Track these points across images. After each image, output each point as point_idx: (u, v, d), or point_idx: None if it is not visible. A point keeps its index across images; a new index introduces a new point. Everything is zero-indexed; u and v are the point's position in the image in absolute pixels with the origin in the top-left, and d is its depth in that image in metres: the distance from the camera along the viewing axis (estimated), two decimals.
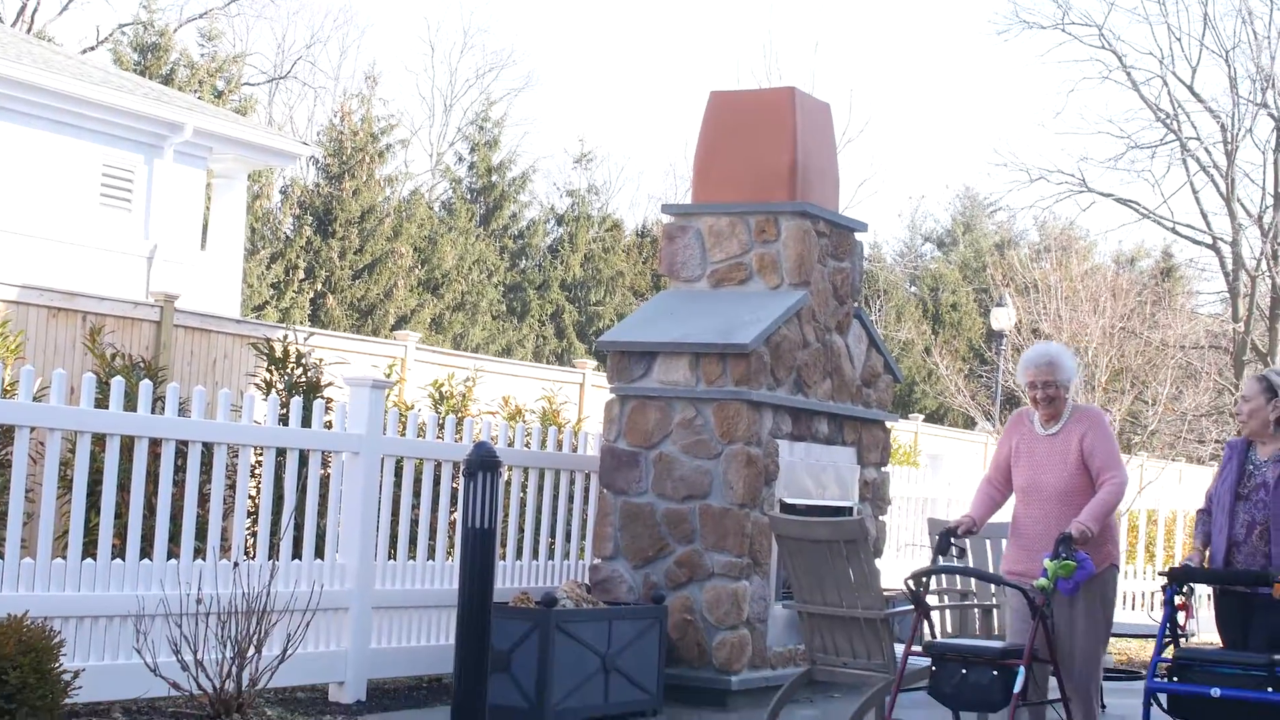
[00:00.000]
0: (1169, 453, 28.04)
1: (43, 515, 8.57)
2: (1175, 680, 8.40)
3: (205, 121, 23.06)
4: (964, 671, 8.53)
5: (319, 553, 10.20)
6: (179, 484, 9.60)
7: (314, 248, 35.84)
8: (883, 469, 12.93)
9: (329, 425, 10.59)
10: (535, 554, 11.66)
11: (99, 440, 9.11)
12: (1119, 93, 78.35)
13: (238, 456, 9.94)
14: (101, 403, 9.30)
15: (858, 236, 12.68)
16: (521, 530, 11.61)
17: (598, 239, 42.80)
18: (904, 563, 15.42)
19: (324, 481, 10.43)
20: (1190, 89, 39.04)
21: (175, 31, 38.71)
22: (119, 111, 21.53)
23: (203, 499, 9.87)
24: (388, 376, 13.39)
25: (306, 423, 10.26)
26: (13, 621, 7.47)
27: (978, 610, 11.44)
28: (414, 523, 10.97)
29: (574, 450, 12.04)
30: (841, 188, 12.96)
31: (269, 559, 9.61)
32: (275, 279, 34.66)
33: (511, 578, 11.32)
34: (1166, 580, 8.80)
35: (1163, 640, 8.68)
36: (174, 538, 9.39)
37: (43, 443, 8.79)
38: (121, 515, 9.24)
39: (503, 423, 11.59)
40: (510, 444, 11.44)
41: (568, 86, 71.31)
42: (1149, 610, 17.45)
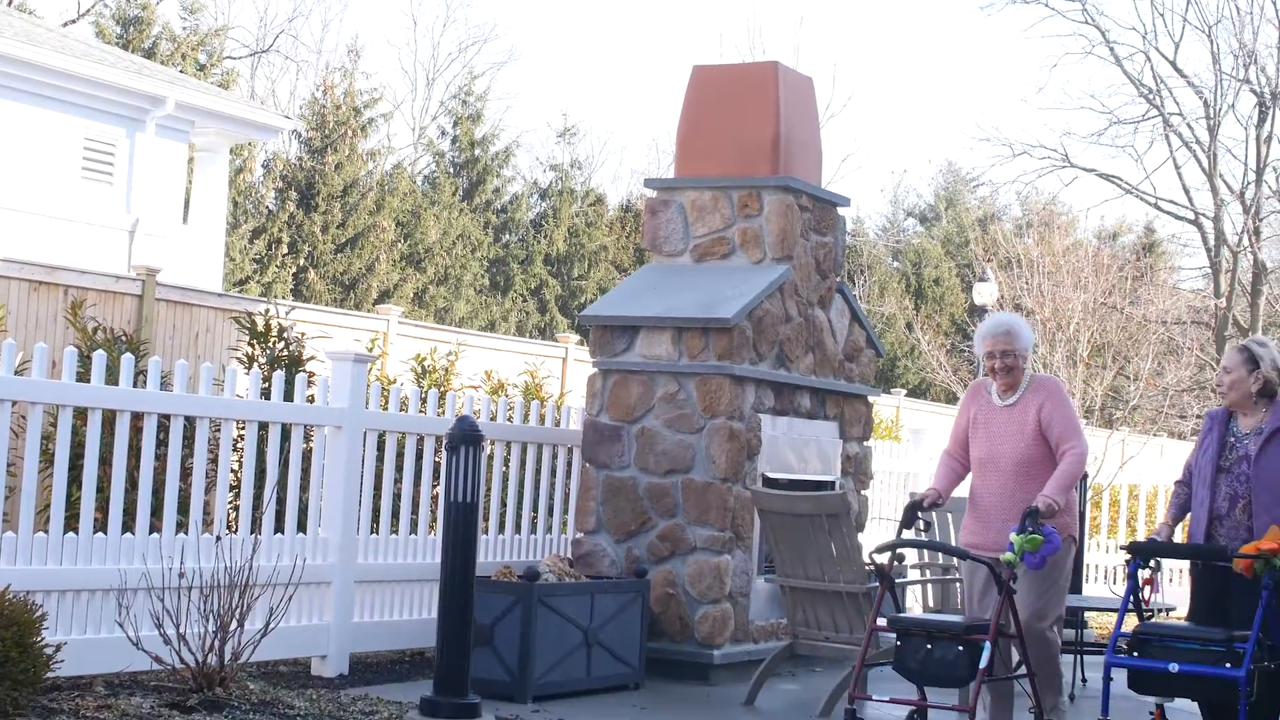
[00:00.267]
0: (1150, 428, 28.10)
1: (24, 489, 8.56)
2: (1135, 655, 8.35)
3: (187, 95, 23.00)
4: (929, 647, 8.49)
5: (301, 527, 10.20)
6: (161, 458, 9.59)
7: (296, 222, 35.77)
8: (865, 444, 12.95)
9: (311, 399, 10.57)
10: (518, 528, 11.66)
11: (81, 414, 9.10)
12: (1102, 68, 78.34)
13: (220, 430, 9.92)
14: (83, 377, 9.28)
15: (840, 211, 12.68)
16: (504, 504, 11.62)
17: (581, 213, 42.76)
18: (887, 537, 15.43)
19: (306, 456, 10.42)
20: (1173, 64, 39.05)
21: (157, 5, 38.53)
22: (101, 85, 21.46)
23: (185, 473, 9.85)
24: (370, 351, 13.39)
25: (289, 397, 10.25)
26: None
27: (959, 585, 11.47)
28: (396, 497, 10.97)
29: (556, 424, 12.05)
30: (824, 162, 12.96)
31: (251, 533, 9.61)
32: (258, 253, 34.60)
33: (494, 552, 11.33)
34: (1129, 555, 8.76)
35: (1124, 615, 8.64)
36: (156, 512, 9.38)
37: (24, 417, 8.77)
38: (103, 489, 9.22)
39: (485, 397, 11.59)
40: (493, 418, 11.44)
41: (550, 61, 71.23)
42: (1110, 584, 17.42)
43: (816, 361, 12.28)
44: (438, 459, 11.15)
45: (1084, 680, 12.26)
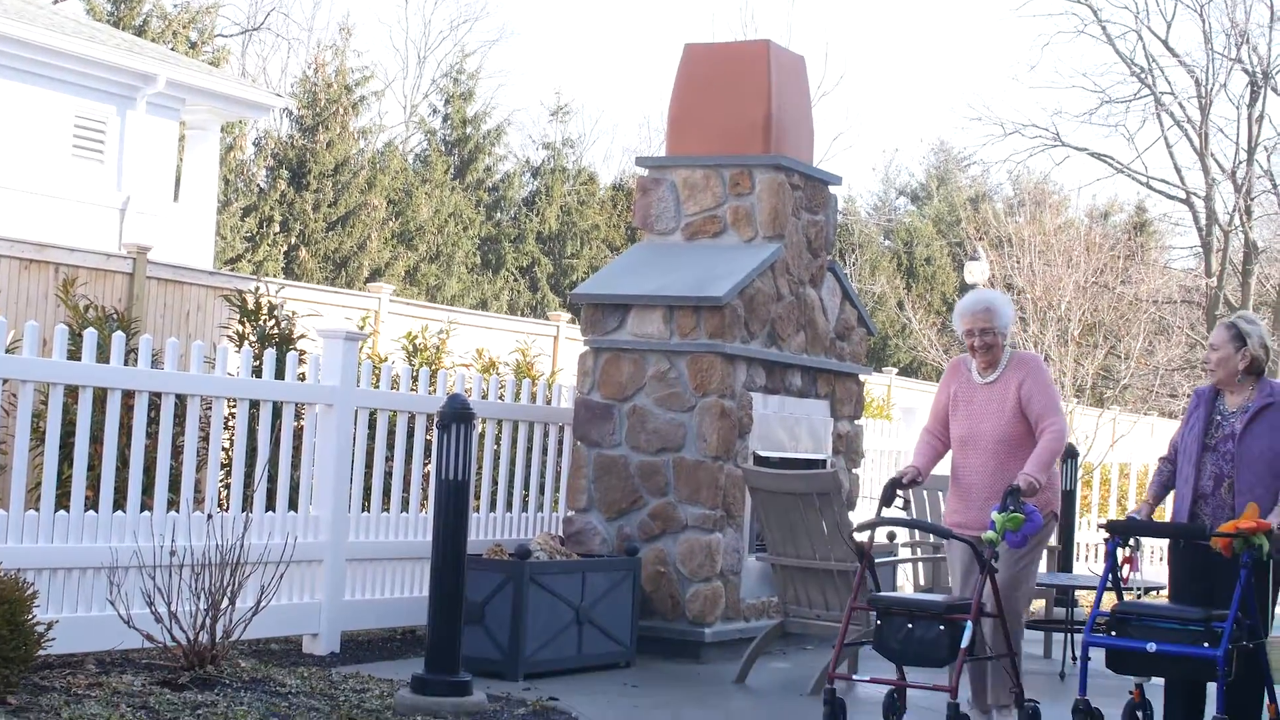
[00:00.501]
0: (1141, 407, 28.15)
1: (15, 467, 8.56)
2: (1113, 634, 8.27)
3: (178, 73, 22.96)
4: (910, 626, 8.43)
5: (293, 505, 10.20)
6: (152, 436, 9.59)
7: (288, 200, 35.72)
8: (856, 422, 12.96)
9: (302, 377, 10.58)
10: (509, 506, 11.67)
11: (72, 392, 9.10)
12: (1093, 47, 78.30)
13: (211, 408, 9.92)
14: (74, 355, 9.28)
15: (832, 190, 12.68)
16: (495, 482, 11.62)
17: (573, 192, 42.71)
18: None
19: (297, 434, 10.42)
20: (1165, 43, 39.07)
21: None
22: (92, 62, 21.42)
23: (176, 451, 9.85)
24: (361, 329, 13.37)
25: (280, 375, 10.25)
26: None
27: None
28: (388, 475, 10.97)
29: (548, 403, 12.05)
30: (816, 141, 12.96)
31: (243, 511, 9.62)
32: (249, 231, 34.56)
33: (485, 530, 11.34)
34: (1108, 533, 8.69)
35: (1102, 593, 8.58)
36: (147, 490, 9.38)
37: (15, 395, 8.77)
38: (94, 467, 9.22)
39: (476, 375, 11.58)
40: (484, 396, 11.44)
41: (542, 39, 71.13)
42: (1090, 564, 17.44)
43: (808, 340, 12.29)
44: (429, 437, 11.15)
45: (1074, 658, 12.28)
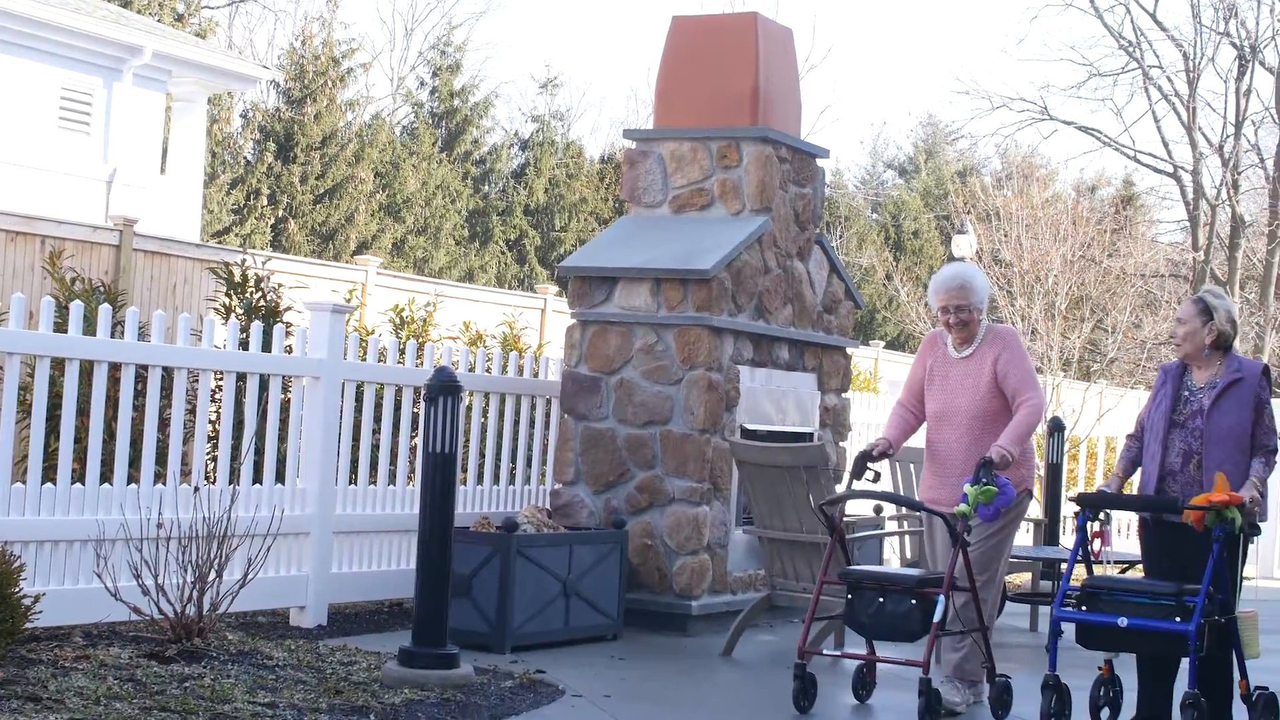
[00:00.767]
0: (1128, 380, 28.14)
1: (1, 440, 8.54)
2: (1083, 609, 8.21)
3: (165, 44, 22.90)
4: (881, 600, 8.39)
5: (280, 478, 10.19)
6: (139, 409, 9.58)
7: (275, 172, 35.64)
8: (843, 395, 12.97)
9: (289, 350, 10.57)
10: (496, 479, 11.68)
11: (58, 364, 9.09)
12: (1081, 19, 78.28)
13: (198, 381, 9.91)
14: (60, 327, 9.27)
15: (819, 163, 12.67)
16: (482, 455, 11.62)
17: (561, 165, 42.65)
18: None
19: (284, 406, 10.42)
20: (1153, 17, 39.06)
21: None
22: (78, 34, 21.36)
23: (163, 424, 9.84)
24: (348, 301, 13.37)
25: (267, 347, 10.24)
26: None
27: None
28: (375, 448, 10.97)
29: (535, 375, 12.05)
30: (804, 114, 12.95)
31: (229, 484, 9.61)
32: (236, 204, 34.49)
33: (472, 503, 11.34)
34: (1078, 506, 8.61)
35: (1073, 568, 8.50)
36: (134, 462, 9.38)
37: (2, 367, 8.75)
38: (81, 440, 9.21)
39: (464, 348, 11.58)
40: (471, 369, 11.43)
41: (529, 11, 70.97)
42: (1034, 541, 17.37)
43: (795, 313, 12.29)
44: (416, 410, 11.15)
45: (1060, 632, 12.30)
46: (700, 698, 9.05)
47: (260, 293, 11.76)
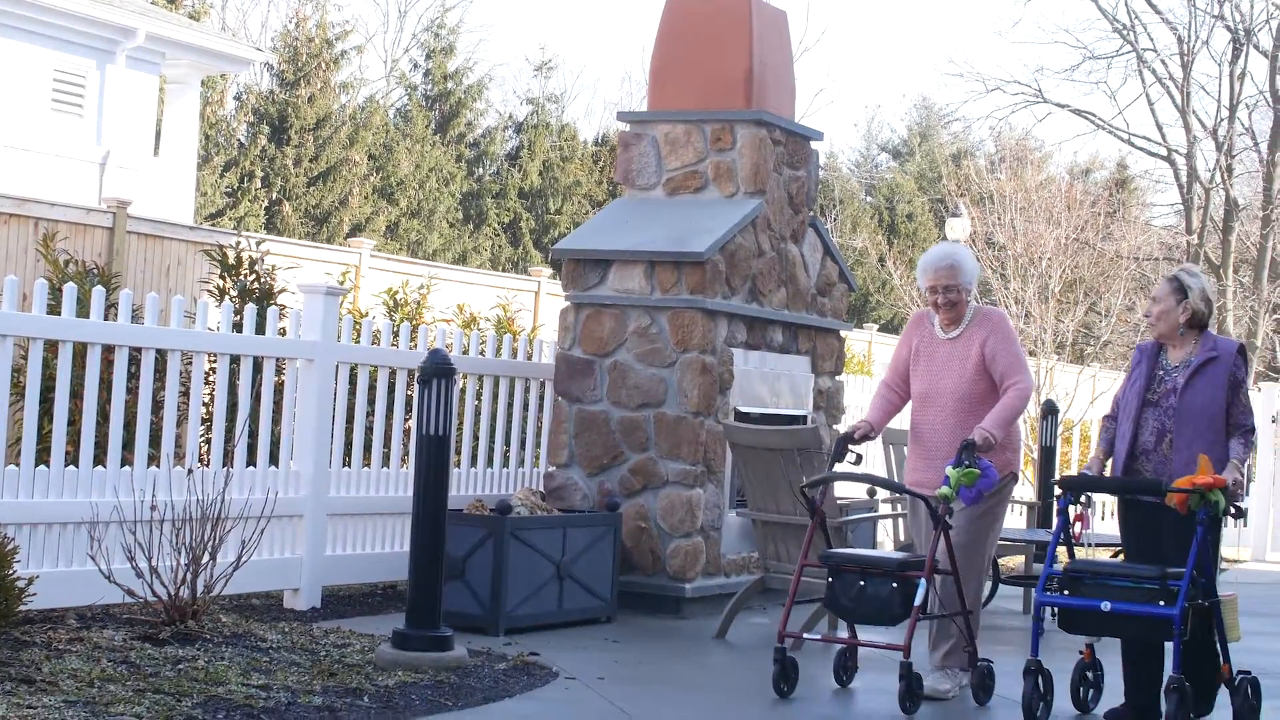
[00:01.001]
0: (1121, 364, 28.17)
1: None
2: (1066, 593, 8.09)
3: (158, 26, 22.87)
4: (862, 584, 8.32)
5: (273, 460, 10.20)
6: (133, 391, 9.58)
7: (268, 155, 35.62)
8: (837, 378, 12.97)
9: (283, 333, 10.56)
10: (490, 462, 11.68)
11: (52, 347, 9.08)
12: (1076, 2, 78.16)
13: (191, 363, 9.91)
14: (54, 309, 9.26)
15: (813, 145, 12.66)
16: (476, 438, 11.63)
17: (555, 147, 42.63)
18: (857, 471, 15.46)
19: (278, 389, 10.42)
20: (1148, 0, 38.99)
21: None
22: (71, 16, 21.33)
23: (156, 406, 9.84)
24: (342, 284, 13.37)
25: (260, 330, 10.24)
26: None
27: None
28: (368, 430, 10.97)
29: (529, 358, 12.05)
30: (798, 97, 12.94)
31: (223, 466, 9.61)
32: (230, 186, 34.47)
33: (466, 485, 11.35)
34: (1060, 489, 8.51)
35: (1054, 551, 8.40)
36: (128, 445, 9.38)
37: None
38: (75, 422, 9.21)
39: (457, 330, 11.58)
40: (465, 351, 11.43)
41: None
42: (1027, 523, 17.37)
43: (789, 296, 12.29)
44: (410, 392, 11.15)
45: (1054, 614, 12.31)
46: (694, 680, 9.06)
47: (254, 275, 11.76)
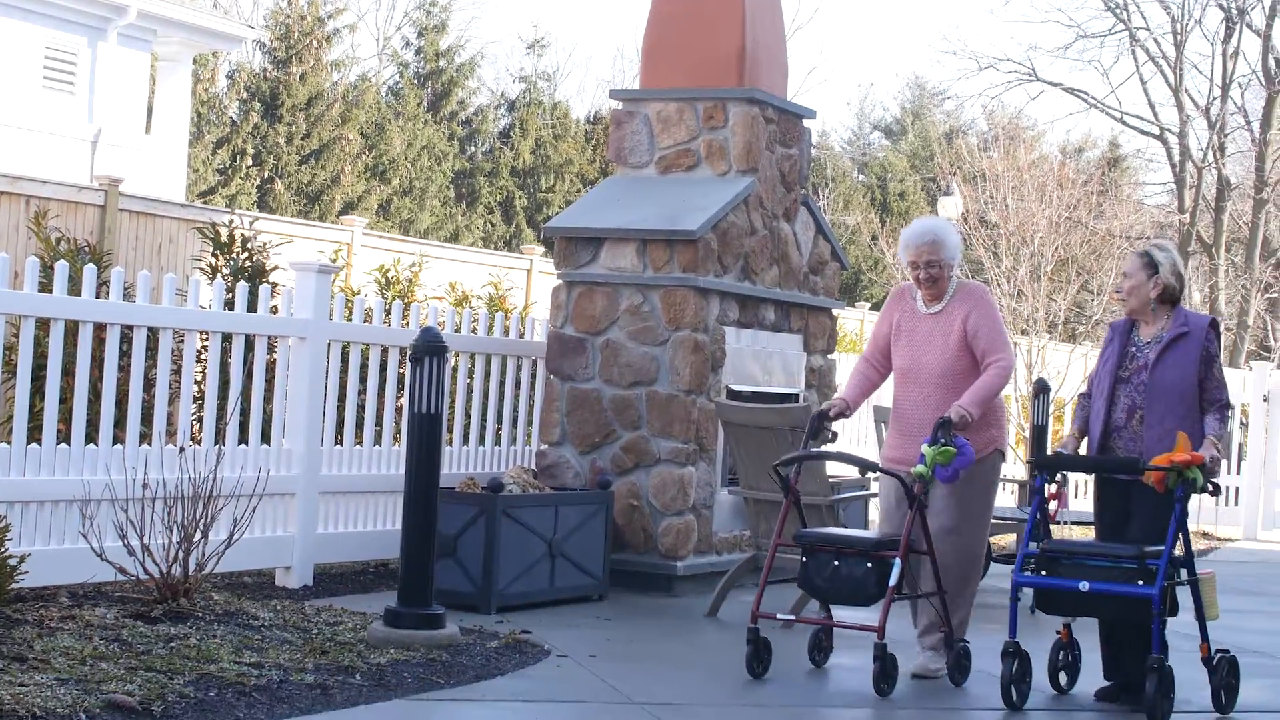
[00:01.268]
0: None
1: None
2: (1043, 574, 8.04)
3: (149, 4, 22.82)
4: (836, 563, 8.25)
5: (265, 438, 10.19)
6: (124, 369, 9.57)
7: (260, 133, 35.58)
8: (829, 356, 12.97)
9: (275, 310, 10.56)
10: (482, 440, 11.68)
11: (43, 325, 9.07)
12: None
13: (183, 341, 9.90)
14: (46, 287, 9.25)
15: (806, 124, 12.66)
16: (468, 416, 11.62)
17: (548, 126, 42.59)
18: (850, 448, 15.47)
19: (270, 367, 10.41)
20: None
21: None
22: None
23: (148, 384, 9.84)
24: (334, 262, 13.35)
25: (252, 308, 10.23)
26: None
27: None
28: (360, 408, 10.97)
29: (521, 336, 12.05)
30: (790, 75, 12.93)
31: (215, 444, 9.61)
32: (221, 164, 34.44)
33: (458, 463, 11.34)
34: (1035, 468, 8.46)
35: (1031, 531, 8.28)
36: (119, 423, 9.37)
37: None
38: (66, 400, 9.21)
39: (449, 308, 11.57)
40: (457, 329, 11.43)
41: None
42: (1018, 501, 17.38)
43: (781, 274, 12.29)
44: (402, 370, 11.15)
45: (1019, 598, 12.32)
46: (685, 658, 9.07)
47: (246, 253, 11.75)
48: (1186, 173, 38.67)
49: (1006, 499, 16.32)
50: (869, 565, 8.20)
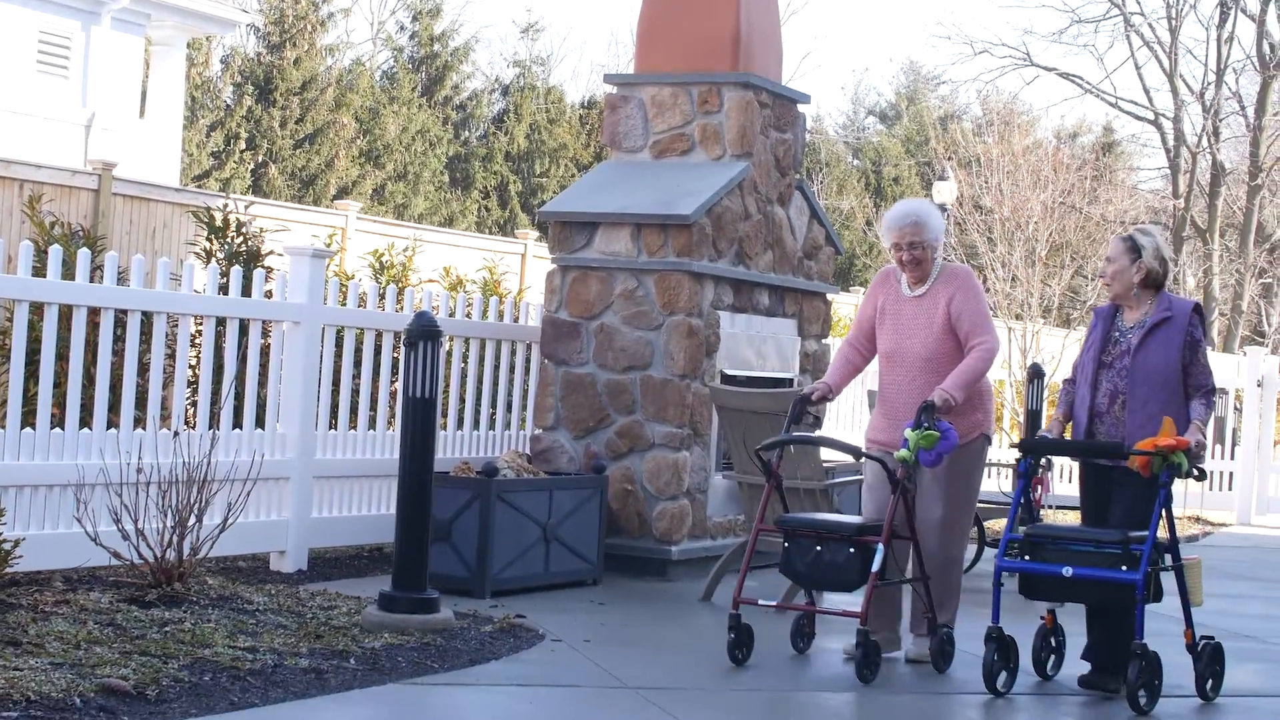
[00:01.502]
0: None
1: None
2: (1026, 558, 8.00)
3: None
4: (819, 549, 8.20)
5: (260, 422, 10.19)
6: (118, 353, 9.57)
7: (255, 117, 35.54)
8: (823, 341, 12.98)
9: (269, 294, 10.55)
10: (476, 424, 11.68)
11: (37, 309, 9.06)
12: None
13: (177, 326, 9.90)
14: (39, 271, 9.24)
15: (800, 108, 12.65)
16: (463, 400, 11.63)
17: (542, 110, 42.56)
18: (845, 434, 15.50)
19: (264, 351, 10.41)
20: None
21: None
22: None
23: (142, 368, 9.83)
24: (328, 246, 13.34)
25: (246, 292, 10.22)
26: None
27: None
28: (355, 392, 10.97)
29: (515, 321, 12.05)
30: (785, 60, 12.92)
31: (209, 428, 9.61)
32: (215, 148, 34.40)
33: (452, 448, 11.35)
34: (1019, 452, 8.43)
35: (1015, 516, 8.26)
36: (113, 407, 9.37)
37: None
38: (60, 385, 9.20)
39: (444, 292, 11.57)
40: (451, 314, 11.43)
41: None
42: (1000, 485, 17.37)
43: (775, 259, 12.29)
44: (396, 355, 11.15)
45: (1002, 583, 12.32)
46: (679, 642, 9.08)
47: (241, 237, 11.74)
48: (1181, 158, 38.70)
49: (1001, 482, 16.33)
50: (851, 550, 8.16)
